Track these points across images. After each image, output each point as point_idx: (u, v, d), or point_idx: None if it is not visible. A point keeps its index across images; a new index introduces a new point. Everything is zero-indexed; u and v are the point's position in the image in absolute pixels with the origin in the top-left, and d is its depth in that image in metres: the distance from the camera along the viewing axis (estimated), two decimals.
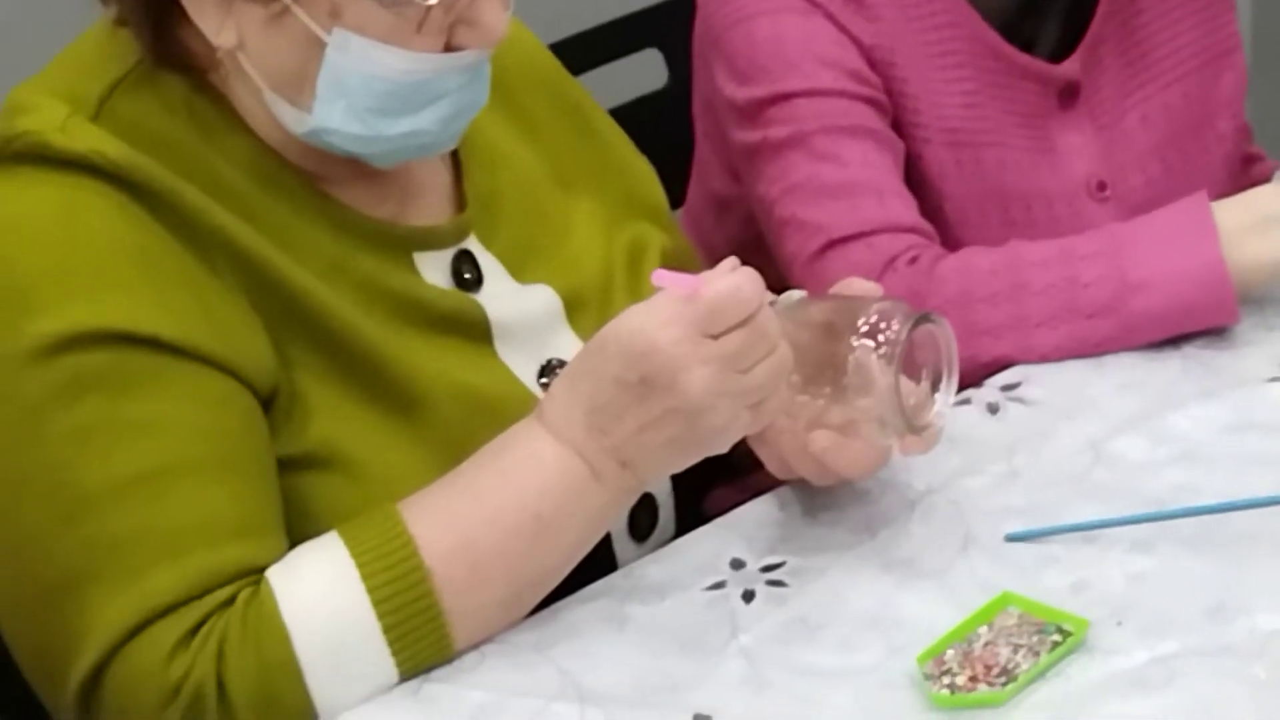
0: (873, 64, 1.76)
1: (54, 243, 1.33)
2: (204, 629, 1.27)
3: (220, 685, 1.25)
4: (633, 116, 1.81)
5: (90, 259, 1.32)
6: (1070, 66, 1.83)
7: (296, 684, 1.27)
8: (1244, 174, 1.90)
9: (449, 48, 1.38)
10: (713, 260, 1.68)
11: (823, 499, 1.49)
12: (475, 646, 1.34)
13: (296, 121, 1.40)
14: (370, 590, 1.29)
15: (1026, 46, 1.83)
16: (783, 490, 1.52)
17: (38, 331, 1.29)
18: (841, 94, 1.75)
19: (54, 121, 1.34)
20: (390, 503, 1.35)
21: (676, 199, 1.85)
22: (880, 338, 1.37)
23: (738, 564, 1.46)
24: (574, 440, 1.33)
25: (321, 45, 1.35)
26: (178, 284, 1.34)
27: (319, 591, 1.30)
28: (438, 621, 1.31)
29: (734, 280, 1.29)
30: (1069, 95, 1.84)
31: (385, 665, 1.30)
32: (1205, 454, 1.50)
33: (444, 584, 1.30)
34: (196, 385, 1.33)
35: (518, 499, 1.33)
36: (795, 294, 1.47)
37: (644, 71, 2.19)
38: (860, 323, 1.37)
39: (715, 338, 1.28)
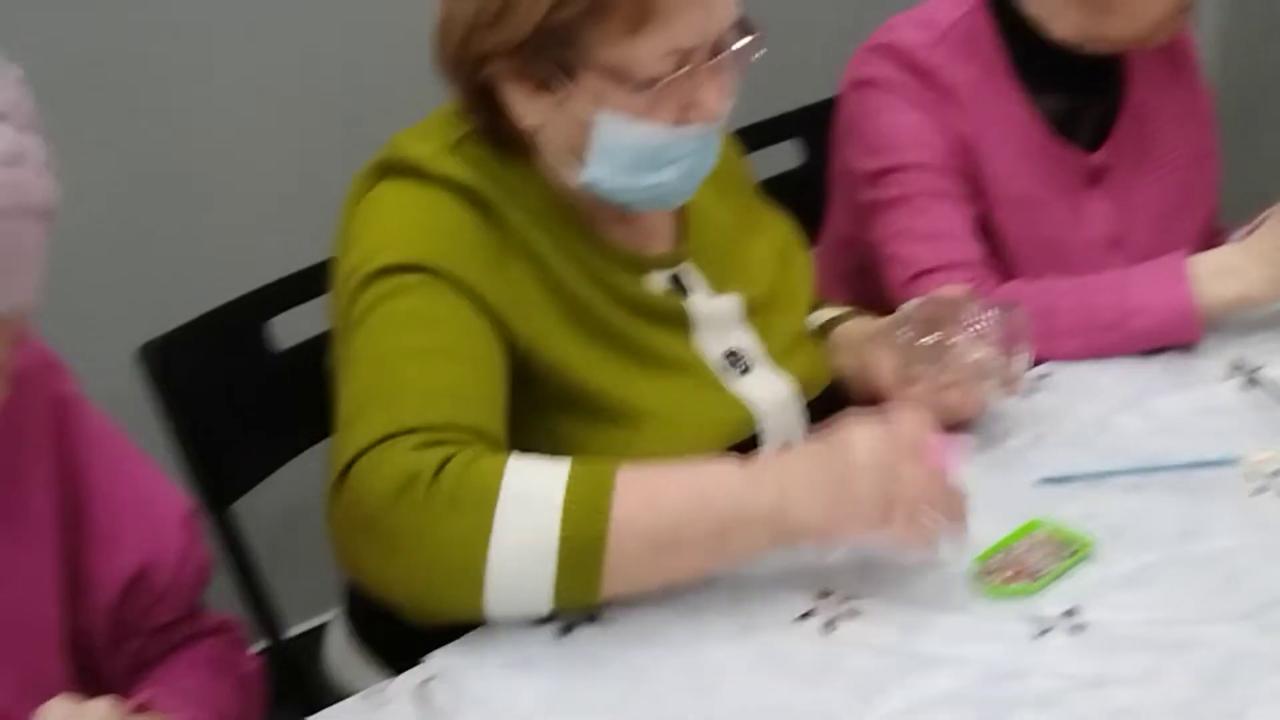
0: (960, 147, 1.78)
1: (415, 218, 1.40)
2: (437, 447, 1.24)
3: (434, 477, 1.22)
4: (773, 185, 1.81)
5: (432, 228, 1.38)
6: (1099, 156, 1.85)
7: (485, 516, 1.21)
8: (1213, 239, 1.90)
9: (684, 122, 1.40)
10: (837, 279, 1.77)
11: None
12: None
13: (575, 176, 1.44)
14: (565, 504, 1.23)
15: (1069, 139, 1.84)
16: None
17: (383, 263, 1.35)
18: (935, 168, 1.77)
19: (426, 153, 1.41)
20: (616, 455, 1.30)
21: (810, 240, 1.83)
22: (982, 322, 1.46)
23: None
24: (756, 471, 1.29)
25: (591, 124, 1.39)
26: (483, 259, 1.38)
27: (535, 479, 1.24)
28: (598, 561, 1.24)
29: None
30: (1096, 176, 1.86)
31: (546, 553, 1.23)
32: (1177, 427, 1.53)
33: (616, 538, 1.23)
34: (470, 313, 1.35)
35: (701, 504, 1.27)
36: (913, 302, 1.53)
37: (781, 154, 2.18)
38: (966, 312, 1.46)
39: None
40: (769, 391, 1.55)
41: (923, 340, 1.49)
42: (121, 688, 1.20)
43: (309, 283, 1.75)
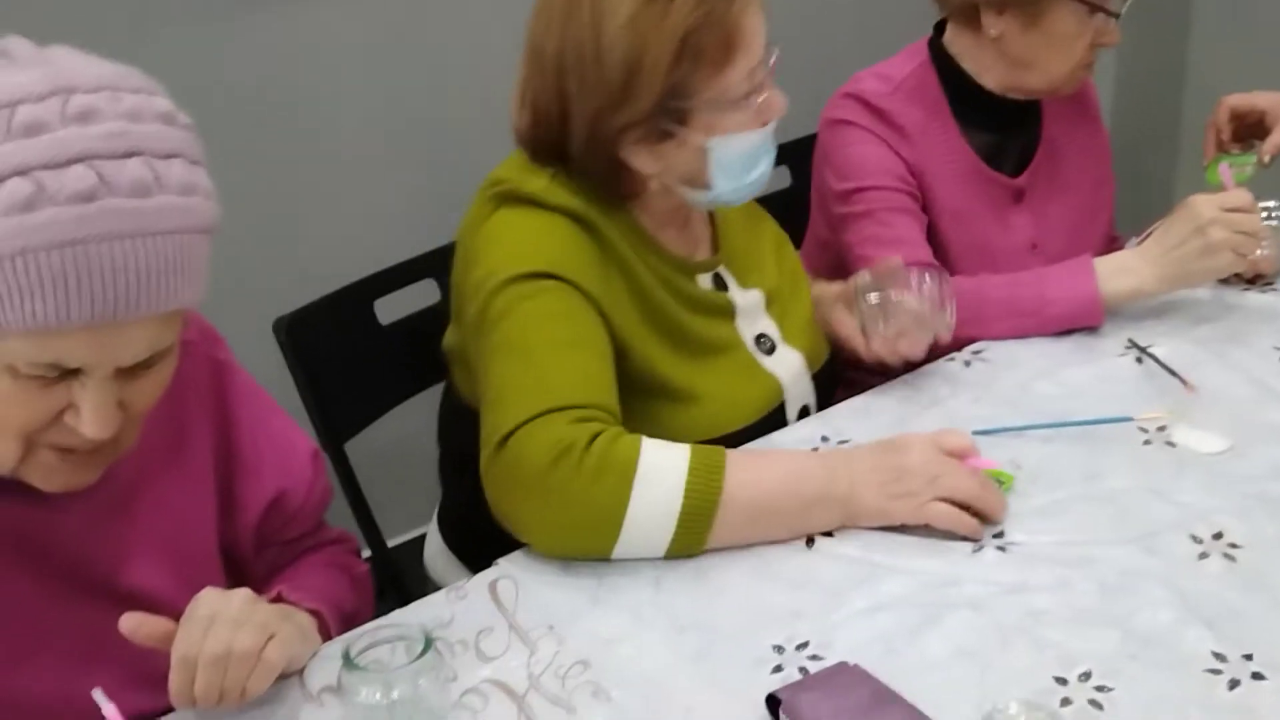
0: (912, 173, 1.77)
1: (540, 237, 1.36)
2: (586, 423, 1.24)
3: (585, 448, 1.21)
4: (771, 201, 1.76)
5: (555, 245, 1.35)
6: (1021, 180, 1.83)
7: (626, 484, 1.22)
8: (1111, 245, 1.88)
9: (765, 122, 1.38)
10: (814, 274, 1.76)
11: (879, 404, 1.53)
12: None
13: (700, 198, 1.42)
14: (688, 479, 1.23)
15: (996, 167, 1.82)
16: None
17: (518, 271, 1.33)
18: (893, 189, 1.75)
19: (540, 187, 1.38)
20: (679, 429, 1.32)
21: (796, 243, 1.79)
22: (916, 284, 1.48)
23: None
24: (833, 464, 1.30)
25: (707, 151, 1.36)
26: (593, 270, 1.36)
27: (665, 456, 1.24)
28: (708, 524, 1.24)
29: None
30: (1019, 196, 1.84)
31: (670, 515, 1.23)
32: (1083, 392, 1.51)
33: (724, 508, 1.24)
34: (591, 312, 1.34)
35: (793, 487, 1.27)
36: (865, 273, 1.52)
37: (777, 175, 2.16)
38: (904, 278, 1.48)
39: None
40: (789, 367, 1.54)
41: (872, 301, 1.48)
42: (261, 587, 1.20)
43: (405, 273, 1.78)
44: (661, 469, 1.23)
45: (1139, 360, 1.59)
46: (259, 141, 2.25)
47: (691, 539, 1.24)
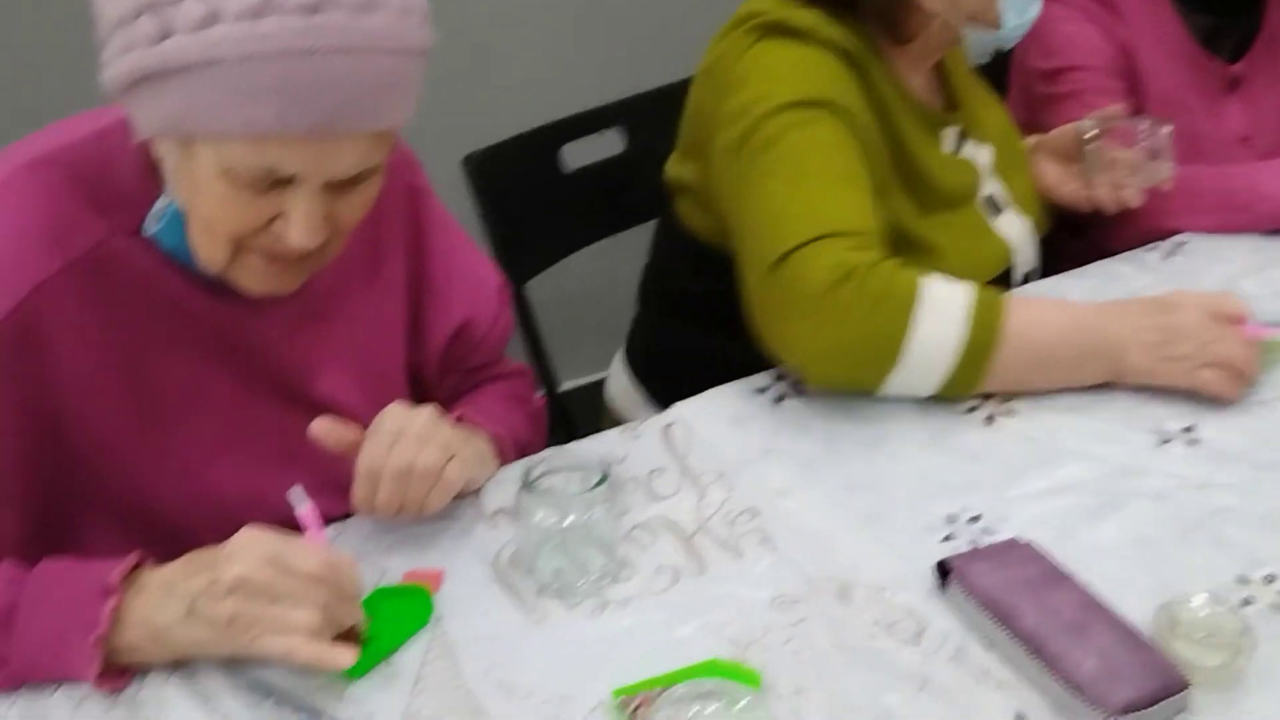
0: (1124, 54, 1.70)
1: (809, 68, 1.32)
2: (867, 250, 1.21)
3: (868, 273, 1.18)
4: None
5: (825, 76, 1.31)
6: (1238, 68, 1.75)
7: (907, 312, 1.19)
8: None
9: None
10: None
11: (1071, 289, 1.48)
12: None
13: (979, 39, 1.39)
14: (972, 313, 1.20)
15: (1213, 52, 1.74)
16: None
17: (792, 98, 1.29)
18: (1102, 70, 1.69)
19: (809, 21, 1.33)
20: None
21: None
22: (1134, 133, 1.47)
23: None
24: (1107, 318, 1.26)
25: None
26: (858, 107, 1.32)
27: (948, 290, 1.21)
28: (986, 363, 1.21)
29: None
30: (1234, 84, 1.76)
31: (951, 348, 1.20)
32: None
33: (1004, 347, 1.21)
34: (860, 147, 1.30)
35: (1072, 334, 1.25)
36: (1088, 118, 1.49)
37: None
38: (1123, 125, 1.47)
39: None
40: (1016, 231, 1.51)
41: (1094, 147, 1.46)
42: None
43: (593, 120, 1.79)
44: (944, 301, 1.20)
45: None
46: None
47: (968, 376, 1.22)
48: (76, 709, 0.99)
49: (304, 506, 1.05)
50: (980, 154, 1.50)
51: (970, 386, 1.23)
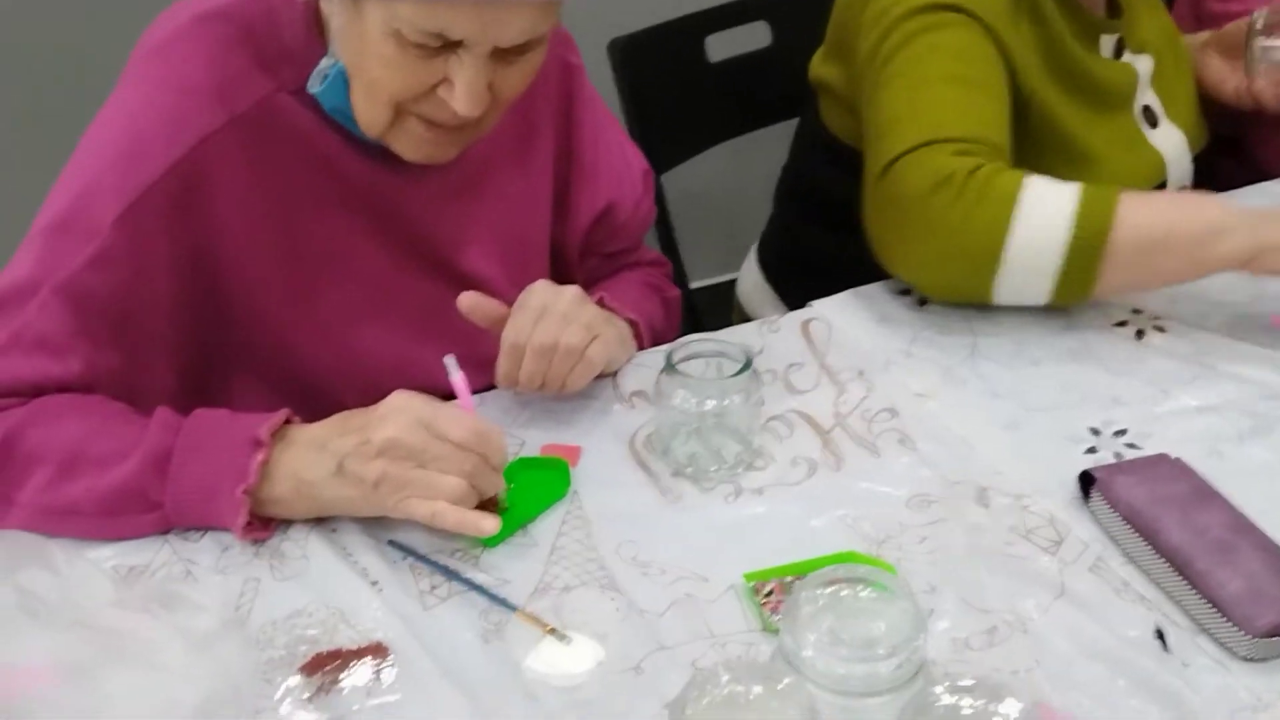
0: None
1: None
2: (969, 155, 1.18)
3: (967, 177, 1.16)
4: None
5: None
6: None
7: (1008, 211, 1.15)
8: None
9: None
10: None
11: None
12: None
13: None
14: (1078, 206, 1.15)
15: None
16: None
17: (924, 2, 1.26)
18: None
19: None
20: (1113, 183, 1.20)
21: None
22: None
23: None
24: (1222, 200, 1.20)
25: None
26: (1004, 13, 1.29)
27: (1052, 188, 1.17)
28: (1098, 260, 1.16)
29: None
30: None
31: (1056, 248, 1.16)
32: None
33: (1116, 234, 1.15)
34: (995, 54, 1.28)
35: (1190, 214, 1.17)
36: (1259, 13, 1.43)
37: None
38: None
39: None
40: (1171, 144, 1.46)
41: (1264, 41, 1.41)
42: None
43: (739, 12, 1.75)
44: (1046, 200, 1.16)
45: None
46: None
47: (1080, 277, 1.16)
48: (222, 554, 1.02)
49: (457, 375, 1.05)
50: (1140, 63, 1.45)
51: (1086, 287, 1.17)
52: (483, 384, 1.16)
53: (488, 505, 1.02)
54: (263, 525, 1.02)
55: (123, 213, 1.02)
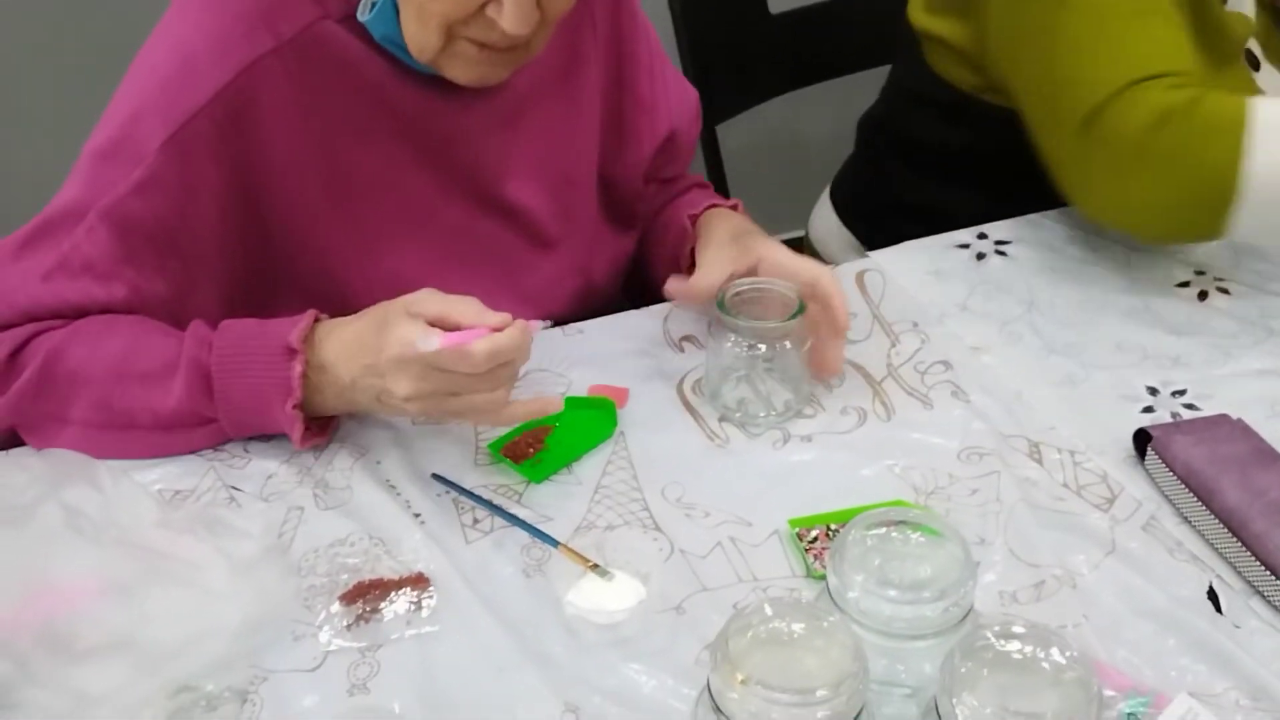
0: None
1: None
2: (1184, 89, 1.12)
3: (1191, 108, 1.10)
4: None
5: None
6: None
7: (1239, 141, 1.08)
8: None
9: None
10: None
11: None
12: None
13: None
14: None
15: None
16: None
17: None
18: None
19: None
20: None
21: None
22: None
23: None
24: None
25: None
26: None
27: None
28: None
29: None
30: None
31: None
32: None
33: None
34: None
35: None
36: None
37: None
38: None
39: None
40: (1273, 87, 1.38)
41: None
42: (637, 224, 1.25)
43: None
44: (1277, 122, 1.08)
45: None
46: None
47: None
48: (266, 482, 1.02)
49: (435, 341, 0.95)
50: (1245, 7, 1.38)
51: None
52: (527, 315, 1.14)
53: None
54: (320, 430, 1.04)
55: (169, 138, 1.01)
